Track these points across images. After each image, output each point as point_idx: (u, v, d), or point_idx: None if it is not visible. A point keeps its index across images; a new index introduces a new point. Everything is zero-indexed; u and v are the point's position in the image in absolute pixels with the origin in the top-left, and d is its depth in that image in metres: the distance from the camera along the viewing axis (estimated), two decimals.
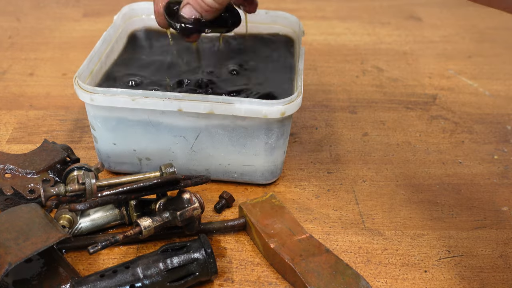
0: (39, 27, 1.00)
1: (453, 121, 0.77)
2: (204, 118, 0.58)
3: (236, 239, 0.57)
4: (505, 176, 0.67)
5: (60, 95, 0.80)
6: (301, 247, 0.53)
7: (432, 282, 0.53)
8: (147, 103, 0.56)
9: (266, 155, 0.60)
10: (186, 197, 0.52)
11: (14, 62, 0.89)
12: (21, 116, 0.75)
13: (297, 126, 0.75)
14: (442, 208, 0.62)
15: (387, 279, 0.53)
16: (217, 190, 0.63)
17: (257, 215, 0.56)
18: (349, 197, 0.63)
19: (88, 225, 0.55)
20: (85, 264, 0.53)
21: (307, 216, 0.60)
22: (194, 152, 0.61)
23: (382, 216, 0.60)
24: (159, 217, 0.51)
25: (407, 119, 0.77)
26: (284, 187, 0.64)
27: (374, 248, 0.56)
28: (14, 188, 0.57)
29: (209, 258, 0.50)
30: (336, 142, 0.72)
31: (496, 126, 0.77)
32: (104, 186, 0.53)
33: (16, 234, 0.47)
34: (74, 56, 0.91)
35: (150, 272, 0.48)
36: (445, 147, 0.72)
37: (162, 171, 0.55)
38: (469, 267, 0.54)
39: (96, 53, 0.64)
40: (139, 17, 0.76)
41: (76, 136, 0.71)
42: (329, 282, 0.49)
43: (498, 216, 0.61)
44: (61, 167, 0.60)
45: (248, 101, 0.55)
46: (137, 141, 0.61)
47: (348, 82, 0.86)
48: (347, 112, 0.79)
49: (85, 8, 1.08)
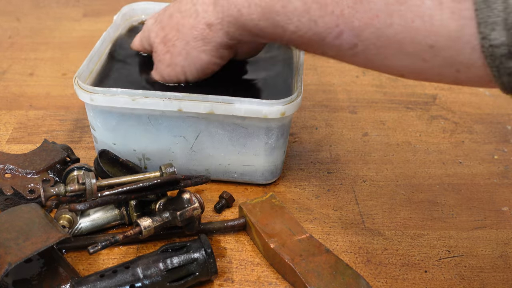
0: (39, 27, 1.00)
1: (453, 121, 0.77)
2: (204, 118, 0.58)
3: (236, 239, 0.57)
4: (505, 176, 0.67)
5: (60, 95, 0.80)
6: (301, 247, 0.53)
7: (432, 282, 0.53)
8: (147, 103, 0.56)
9: (266, 155, 0.60)
10: (186, 197, 0.52)
11: (14, 62, 0.89)
12: (21, 116, 0.75)
13: (297, 126, 0.75)
14: (442, 208, 0.62)
15: (387, 279, 0.53)
16: (217, 190, 0.63)
17: (257, 215, 0.56)
18: (349, 197, 0.63)
19: (88, 225, 0.55)
20: (85, 264, 0.53)
21: (307, 216, 0.60)
22: (194, 152, 0.61)
23: (382, 216, 0.60)
24: (159, 217, 0.51)
25: (407, 119, 0.77)
26: (284, 187, 0.64)
27: (374, 248, 0.56)
28: (14, 188, 0.57)
29: (209, 258, 0.50)
30: (336, 142, 0.72)
31: (496, 126, 0.77)
32: (104, 186, 0.53)
33: (16, 234, 0.47)
34: (74, 56, 0.90)
35: (150, 272, 0.48)
36: (445, 147, 0.72)
37: (162, 171, 0.55)
38: (469, 267, 0.54)
39: (96, 53, 0.64)
40: (139, 17, 0.76)
41: (76, 136, 0.71)
42: (329, 282, 0.49)
43: (498, 216, 0.61)
44: (61, 167, 0.60)
45: (248, 101, 0.55)
46: (137, 141, 0.61)
47: (348, 82, 0.86)
48: (347, 112, 0.79)
49: (85, 8, 1.08)
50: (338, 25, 0.43)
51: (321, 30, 0.44)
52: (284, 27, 0.47)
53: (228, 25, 0.53)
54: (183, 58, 0.58)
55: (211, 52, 0.57)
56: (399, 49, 0.41)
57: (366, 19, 0.41)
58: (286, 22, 0.47)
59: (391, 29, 0.40)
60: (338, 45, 0.44)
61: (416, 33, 0.39)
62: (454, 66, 0.39)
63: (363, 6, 0.41)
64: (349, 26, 0.42)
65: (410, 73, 0.43)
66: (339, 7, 0.42)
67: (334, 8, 0.43)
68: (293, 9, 0.46)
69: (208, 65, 0.58)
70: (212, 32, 0.55)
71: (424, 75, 0.43)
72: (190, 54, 0.57)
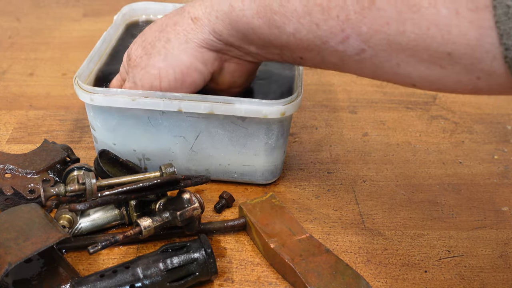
0: (39, 27, 1.00)
1: (453, 121, 0.77)
2: (204, 118, 0.58)
3: (236, 239, 0.57)
4: (505, 176, 0.67)
5: (60, 95, 0.80)
6: (301, 247, 0.53)
7: (432, 282, 0.53)
8: (147, 103, 0.56)
9: (266, 155, 0.60)
10: (186, 197, 0.52)
11: (14, 62, 0.89)
12: (21, 116, 0.75)
13: (297, 126, 0.75)
14: (442, 208, 0.62)
15: (387, 279, 0.53)
16: (217, 190, 0.63)
17: (257, 215, 0.56)
18: (349, 197, 0.63)
19: (88, 225, 0.55)
20: (85, 264, 0.53)
21: (307, 216, 0.60)
22: (194, 152, 0.61)
23: (382, 216, 0.60)
24: (159, 217, 0.51)
25: (407, 119, 0.77)
26: (284, 187, 0.64)
27: (374, 248, 0.56)
28: (14, 188, 0.57)
29: (209, 258, 0.50)
30: (336, 142, 0.72)
31: (496, 126, 0.77)
32: (104, 186, 0.53)
33: (16, 234, 0.47)
34: (74, 56, 0.90)
35: (150, 272, 0.48)
36: (445, 147, 0.72)
37: (162, 171, 0.55)
38: (469, 267, 0.54)
39: (96, 53, 0.64)
40: (139, 17, 0.76)
41: (76, 136, 0.71)
42: (329, 282, 0.49)
43: (498, 216, 0.61)
44: (61, 167, 0.60)
45: (248, 101, 0.55)
46: (137, 141, 0.61)
47: (348, 82, 0.86)
48: (347, 112, 0.79)
49: (85, 8, 1.08)
50: (344, 29, 0.40)
51: (324, 34, 0.42)
52: (281, 28, 0.44)
53: (215, 21, 0.49)
54: (161, 58, 0.53)
55: (193, 51, 0.52)
56: (412, 55, 0.39)
57: (376, 26, 0.39)
58: (283, 22, 0.44)
59: (403, 36, 0.38)
60: (342, 50, 0.42)
61: (432, 40, 0.37)
62: (475, 73, 0.37)
63: (371, 13, 0.39)
64: (356, 31, 0.40)
65: (423, 81, 0.41)
66: (344, 12, 0.40)
67: (339, 13, 0.40)
68: (293, 9, 0.43)
69: (188, 70, 0.53)
70: (197, 27, 0.50)
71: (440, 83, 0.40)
72: (169, 53, 0.52)
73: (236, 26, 0.48)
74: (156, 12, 0.76)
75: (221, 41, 0.51)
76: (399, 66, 0.40)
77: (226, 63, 0.55)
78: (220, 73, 0.56)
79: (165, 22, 0.54)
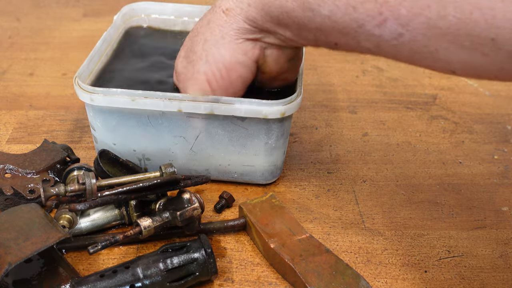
0: (39, 27, 1.00)
1: (453, 121, 0.77)
2: (204, 118, 0.58)
3: (236, 239, 0.57)
4: (505, 176, 0.67)
5: (60, 95, 0.80)
6: (301, 247, 0.53)
7: (432, 282, 0.53)
8: (147, 103, 0.56)
9: (266, 155, 0.60)
10: (186, 197, 0.52)
11: (14, 62, 0.89)
12: (21, 116, 0.75)
13: (297, 126, 0.75)
14: (442, 208, 0.62)
15: (387, 279, 0.53)
16: (217, 190, 0.63)
17: (257, 215, 0.56)
18: (349, 197, 0.63)
19: (88, 225, 0.55)
20: (85, 264, 0.53)
21: (307, 216, 0.60)
22: (194, 153, 0.61)
23: (382, 216, 0.60)
24: (159, 217, 0.51)
25: (407, 119, 0.77)
26: (284, 187, 0.64)
27: (374, 248, 0.56)
28: (14, 188, 0.57)
29: (209, 258, 0.50)
30: (336, 142, 0.72)
31: (496, 126, 0.77)
32: (104, 186, 0.53)
33: (16, 234, 0.47)
34: (74, 56, 0.90)
35: (150, 272, 0.48)
36: (445, 147, 0.72)
37: (162, 171, 0.55)
38: (469, 267, 0.54)
39: (96, 53, 0.64)
40: (139, 17, 0.76)
41: (76, 136, 0.71)
42: (329, 282, 0.49)
43: (498, 216, 0.61)
44: (61, 167, 0.60)
45: (248, 101, 0.55)
46: (137, 141, 0.61)
47: (348, 82, 0.86)
48: (347, 112, 0.79)
49: (85, 8, 1.08)
50: (382, 12, 0.39)
51: (361, 17, 0.40)
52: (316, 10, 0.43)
53: (248, 8, 0.48)
54: (203, 61, 0.52)
55: (231, 44, 0.51)
56: (453, 41, 0.37)
57: (416, 8, 0.37)
58: (318, 5, 0.42)
59: (444, 21, 0.37)
60: (378, 34, 0.40)
61: (475, 25, 0.36)
62: None
63: None
64: (394, 15, 0.38)
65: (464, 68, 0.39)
66: None
67: None
68: None
69: (230, 65, 0.52)
70: (230, 18, 0.50)
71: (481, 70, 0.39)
72: (209, 54, 0.52)
73: (270, 11, 0.47)
74: (156, 12, 0.76)
75: (256, 28, 0.50)
76: (438, 52, 0.39)
77: (267, 50, 0.53)
78: (265, 62, 0.55)
79: (199, 25, 0.54)
